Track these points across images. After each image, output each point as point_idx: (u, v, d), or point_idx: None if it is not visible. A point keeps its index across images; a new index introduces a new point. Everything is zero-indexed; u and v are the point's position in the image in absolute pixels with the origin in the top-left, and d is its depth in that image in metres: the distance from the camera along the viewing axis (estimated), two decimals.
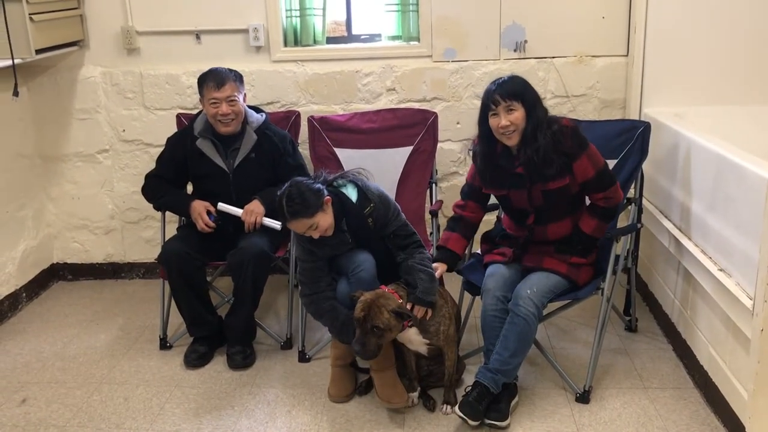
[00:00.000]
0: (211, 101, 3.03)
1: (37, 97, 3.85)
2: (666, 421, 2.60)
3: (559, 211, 2.71)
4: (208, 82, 3.04)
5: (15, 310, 3.72)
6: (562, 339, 3.23)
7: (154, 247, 3.98)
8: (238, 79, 3.11)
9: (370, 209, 2.67)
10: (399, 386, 2.71)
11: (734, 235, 2.44)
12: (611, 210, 2.74)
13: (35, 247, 3.91)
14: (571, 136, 2.59)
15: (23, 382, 3.04)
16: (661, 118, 3.26)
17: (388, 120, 3.46)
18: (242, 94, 3.12)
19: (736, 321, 2.38)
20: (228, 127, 3.08)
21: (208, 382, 2.98)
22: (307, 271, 2.72)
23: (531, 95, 2.60)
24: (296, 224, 2.58)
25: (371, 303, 2.47)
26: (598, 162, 2.64)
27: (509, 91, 2.56)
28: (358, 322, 2.48)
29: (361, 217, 2.68)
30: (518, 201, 2.73)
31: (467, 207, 2.89)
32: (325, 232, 2.62)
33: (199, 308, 3.12)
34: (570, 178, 2.63)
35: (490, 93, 2.59)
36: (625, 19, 3.55)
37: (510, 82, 2.60)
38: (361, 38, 3.88)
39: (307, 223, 2.56)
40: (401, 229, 2.74)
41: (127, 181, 3.94)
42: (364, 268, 2.69)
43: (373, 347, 2.48)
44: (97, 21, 3.74)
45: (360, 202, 2.68)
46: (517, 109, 2.55)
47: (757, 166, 2.33)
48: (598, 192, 2.68)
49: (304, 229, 2.59)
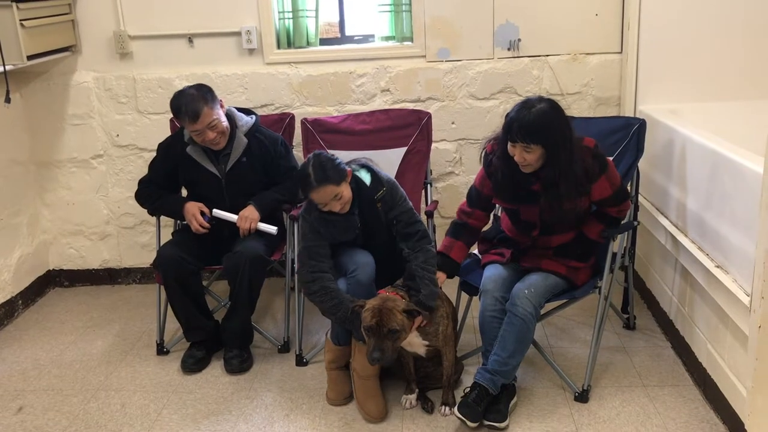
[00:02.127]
0: (193, 133, 2.98)
1: (30, 103, 3.83)
2: (665, 418, 2.59)
3: (565, 225, 2.68)
4: (183, 117, 2.92)
5: (11, 318, 3.70)
6: (561, 338, 3.22)
7: (150, 252, 3.96)
8: (210, 96, 2.96)
9: (382, 193, 2.67)
10: (380, 400, 2.69)
11: (731, 231, 2.43)
12: (620, 219, 2.74)
13: (31, 253, 3.90)
14: (592, 158, 2.53)
15: (19, 390, 3.02)
16: (656, 114, 3.25)
17: (382, 121, 3.45)
18: (219, 109, 3.00)
19: (733, 318, 2.38)
20: (218, 146, 3.05)
21: (205, 387, 2.97)
22: (311, 249, 2.67)
23: (554, 138, 2.42)
24: (322, 191, 2.54)
25: (381, 308, 2.44)
26: (616, 181, 2.61)
27: (529, 133, 2.40)
28: (372, 330, 2.43)
29: (372, 200, 2.67)
30: (527, 215, 2.68)
31: (473, 215, 2.82)
32: (344, 206, 2.60)
33: (196, 313, 3.11)
34: (586, 198, 2.60)
35: (511, 123, 2.44)
36: (618, 16, 3.54)
37: (534, 123, 2.40)
38: (354, 39, 3.87)
39: (334, 191, 2.54)
40: (405, 214, 2.70)
41: (121, 186, 3.93)
42: (363, 271, 2.67)
43: (391, 351, 2.45)
44: (89, 26, 3.72)
45: (373, 185, 2.69)
46: (533, 151, 2.43)
47: (752, 161, 2.32)
48: (612, 207, 2.67)
49: (328, 199, 2.55)
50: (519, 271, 2.73)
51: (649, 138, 3.01)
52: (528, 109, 2.43)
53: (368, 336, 2.46)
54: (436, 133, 3.57)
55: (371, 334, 2.44)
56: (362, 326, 2.46)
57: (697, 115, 3.20)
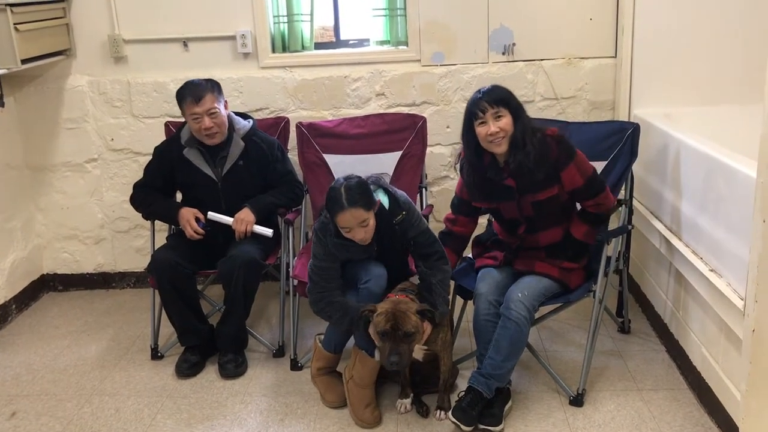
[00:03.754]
0: (192, 116, 3.00)
1: (24, 107, 3.82)
2: (660, 422, 2.60)
3: (550, 220, 2.70)
4: (186, 98, 3.00)
5: (5, 322, 3.69)
6: (555, 342, 3.22)
7: (144, 256, 3.95)
8: (216, 89, 3.06)
9: (401, 217, 2.61)
10: (375, 410, 2.68)
11: (725, 235, 2.44)
12: (602, 215, 2.74)
13: (25, 258, 3.89)
14: (558, 145, 2.59)
15: (13, 395, 3.01)
16: (651, 119, 3.26)
17: (377, 125, 3.45)
18: (223, 103, 3.08)
19: (727, 321, 2.38)
20: (213, 139, 3.06)
21: (199, 392, 2.96)
22: (323, 270, 2.63)
23: (516, 102, 2.60)
24: (351, 214, 2.46)
25: (394, 311, 2.42)
26: (587, 170, 2.64)
27: (496, 98, 2.56)
28: (387, 335, 2.41)
29: (390, 225, 2.61)
30: (508, 212, 2.72)
31: (458, 222, 2.89)
32: (368, 236, 2.54)
33: (190, 317, 3.10)
34: (558, 187, 2.63)
35: (476, 101, 2.58)
36: (612, 20, 3.55)
37: (495, 89, 2.60)
38: (349, 43, 3.87)
39: (363, 216, 2.47)
40: (423, 236, 2.65)
41: (116, 190, 3.92)
42: (377, 283, 2.64)
43: (408, 354, 2.44)
44: (83, 30, 3.72)
45: (391, 209, 2.62)
46: (504, 115, 2.55)
47: (746, 166, 2.32)
48: (588, 199, 2.68)
49: (355, 223, 2.47)
50: (513, 275, 2.74)
51: (644, 142, 3.01)
52: (483, 88, 2.61)
53: (383, 341, 2.43)
54: (430, 138, 3.57)
55: (387, 338, 2.42)
56: (376, 331, 2.44)
57: (691, 120, 3.21)
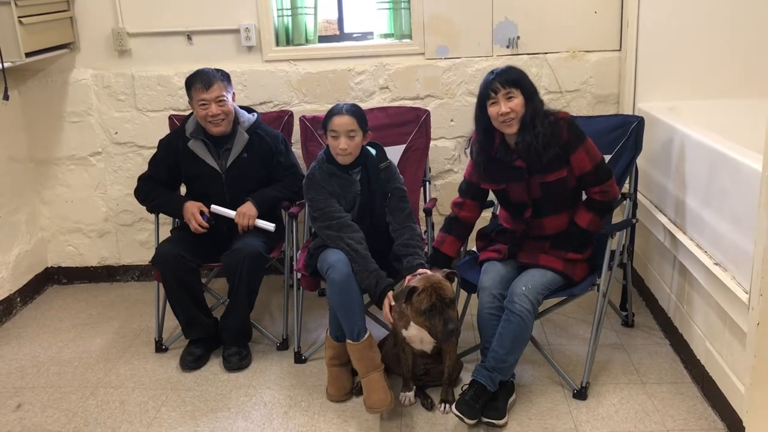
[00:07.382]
0: (200, 103, 3.03)
1: (28, 100, 3.82)
2: (664, 415, 2.60)
3: (556, 205, 2.71)
4: (196, 84, 3.04)
5: (9, 315, 3.70)
6: (559, 335, 3.23)
7: (148, 249, 3.96)
8: (226, 78, 3.11)
9: (386, 164, 2.92)
10: (386, 389, 2.67)
11: (729, 228, 2.43)
12: (607, 204, 2.74)
13: (29, 251, 3.90)
14: (568, 127, 2.62)
15: (18, 388, 3.02)
16: (655, 112, 3.25)
17: (380, 119, 3.45)
18: (231, 94, 3.11)
19: (732, 315, 2.38)
20: (219, 128, 3.07)
21: (204, 385, 2.97)
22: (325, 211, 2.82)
23: (529, 83, 2.65)
24: (346, 119, 2.77)
25: (432, 285, 2.49)
26: (596, 155, 2.65)
27: (508, 79, 2.60)
28: (435, 309, 2.47)
29: (376, 168, 2.88)
30: (516, 194, 2.73)
31: (464, 205, 2.90)
32: (354, 150, 2.81)
33: (194, 310, 3.10)
34: (567, 170, 2.64)
35: (489, 82, 2.63)
36: (617, 13, 3.54)
37: (508, 70, 2.65)
38: (353, 37, 3.87)
39: (354, 126, 2.77)
40: (400, 190, 2.92)
41: (120, 183, 3.92)
42: (336, 269, 2.70)
43: (457, 319, 2.56)
44: (87, 23, 3.72)
45: (378, 156, 2.93)
46: (516, 96, 2.59)
47: (751, 159, 2.32)
48: (594, 186, 2.68)
49: (345, 129, 2.76)
50: (517, 268, 2.74)
51: (648, 135, 3.01)
52: (497, 68, 2.66)
53: (430, 316, 2.49)
54: (434, 131, 3.57)
55: (435, 312, 2.48)
56: (421, 310, 2.49)
57: (695, 113, 3.21)
